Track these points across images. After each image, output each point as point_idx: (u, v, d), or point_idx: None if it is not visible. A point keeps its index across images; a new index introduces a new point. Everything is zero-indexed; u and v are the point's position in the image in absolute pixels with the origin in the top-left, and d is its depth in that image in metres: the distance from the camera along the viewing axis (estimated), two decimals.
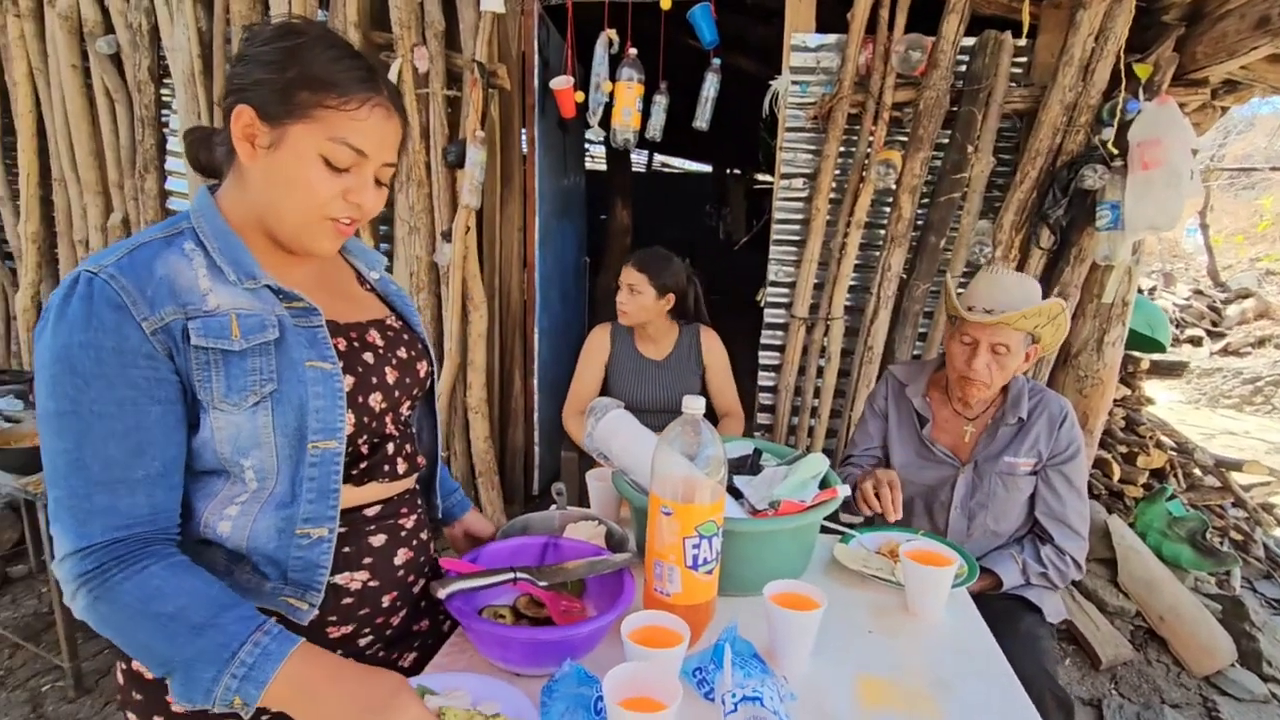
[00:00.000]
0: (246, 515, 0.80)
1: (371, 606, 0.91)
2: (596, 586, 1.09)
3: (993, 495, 1.62)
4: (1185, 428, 5.39)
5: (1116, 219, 2.07)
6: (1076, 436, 1.60)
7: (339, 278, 0.98)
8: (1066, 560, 1.58)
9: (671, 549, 1.00)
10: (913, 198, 2.39)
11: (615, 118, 2.68)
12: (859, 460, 1.77)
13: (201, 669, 0.69)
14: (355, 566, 0.89)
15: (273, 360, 0.78)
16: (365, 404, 0.87)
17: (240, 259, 0.80)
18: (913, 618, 1.15)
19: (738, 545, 1.15)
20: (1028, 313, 1.47)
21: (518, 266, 3.06)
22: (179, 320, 0.74)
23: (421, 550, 1.00)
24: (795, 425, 2.72)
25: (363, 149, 0.80)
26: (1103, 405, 2.39)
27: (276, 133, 0.77)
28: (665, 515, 1.00)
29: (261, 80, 0.77)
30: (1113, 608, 2.30)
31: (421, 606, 1.02)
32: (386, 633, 0.96)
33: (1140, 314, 2.65)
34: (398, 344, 0.96)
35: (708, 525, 1.00)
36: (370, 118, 0.80)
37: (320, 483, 0.82)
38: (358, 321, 0.93)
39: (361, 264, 1.03)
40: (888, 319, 2.51)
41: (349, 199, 0.81)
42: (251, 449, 0.78)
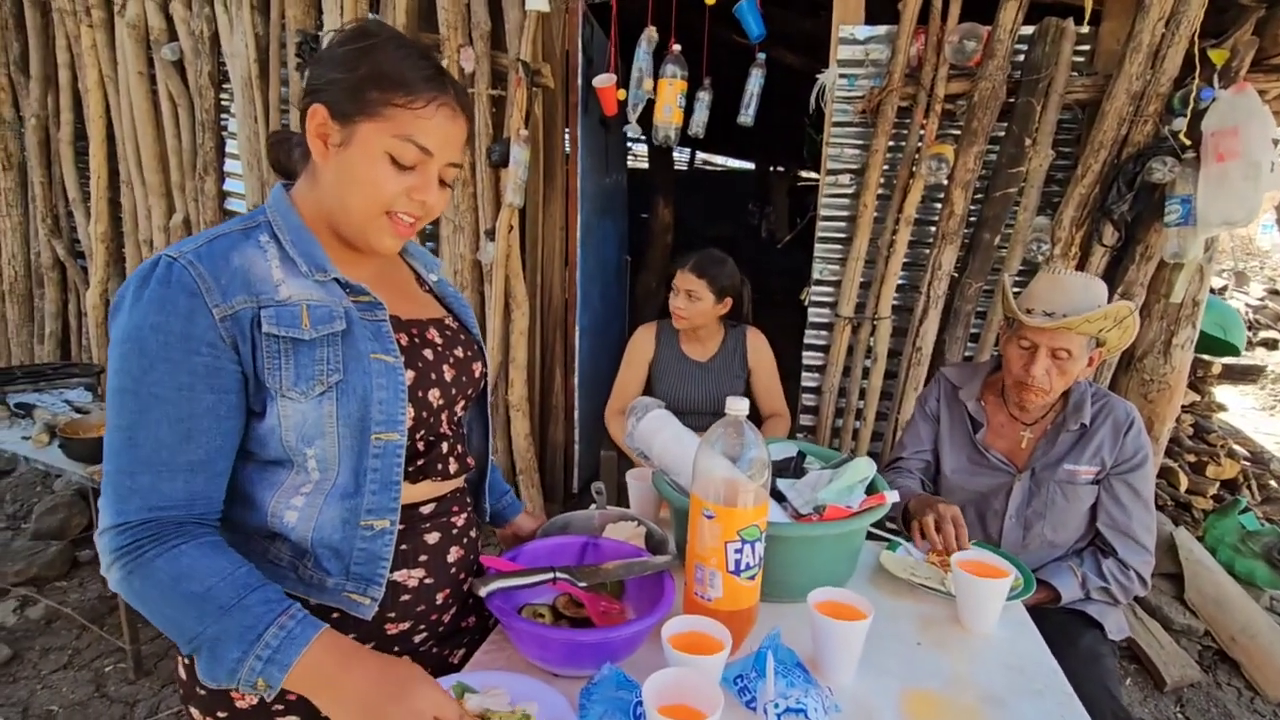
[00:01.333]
0: (312, 506, 0.82)
1: (427, 603, 0.92)
2: (636, 588, 1.08)
3: (1051, 504, 1.55)
4: (1260, 436, 5.08)
5: (1187, 214, 1.95)
6: (1144, 444, 1.52)
7: (400, 278, 1.01)
8: (1130, 575, 1.50)
9: (713, 553, 0.98)
10: (966, 193, 2.31)
11: (657, 114, 2.66)
12: (908, 464, 1.71)
13: (227, 648, 0.70)
14: (412, 564, 0.90)
15: (339, 351, 0.80)
16: (425, 399, 0.88)
17: (312, 252, 0.83)
18: (964, 631, 1.11)
19: (781, 550, 1.12)
20: (1092, 316, 1.39)
21: (559, 265, 3.07)
22: (250, 309, 0.77)
23: (471, 548, 1.01)
24: (839, 427, 2.66)
25: (428, 147, 0.81)
26: (1169, 411, 2.26)
27: (347, 131, 0.80)
28: (707, 518, 0.98)
29: (334, 80, 0.80)
30: (1179, 626, 2.18)
31: (469, 604, 1.03)
32: (439, 630, 0.97)
33: (1212, 315, 2.50)
34: (455, 343, 0.98)
35: (750, 530, 0.97)
36: (436, 116, 0.81)
37: (383, 474, 0.83)
38: (418, 319, 0.94)
39: (421, 266, 1.05)
40: (938, 319, 2.43)
41: (413, 196, 0.83)
42: (316, 438, 0.80)
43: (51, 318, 3.62)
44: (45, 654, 2.23)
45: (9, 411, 2.33)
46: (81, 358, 3.64)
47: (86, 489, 2.28)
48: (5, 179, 3.52)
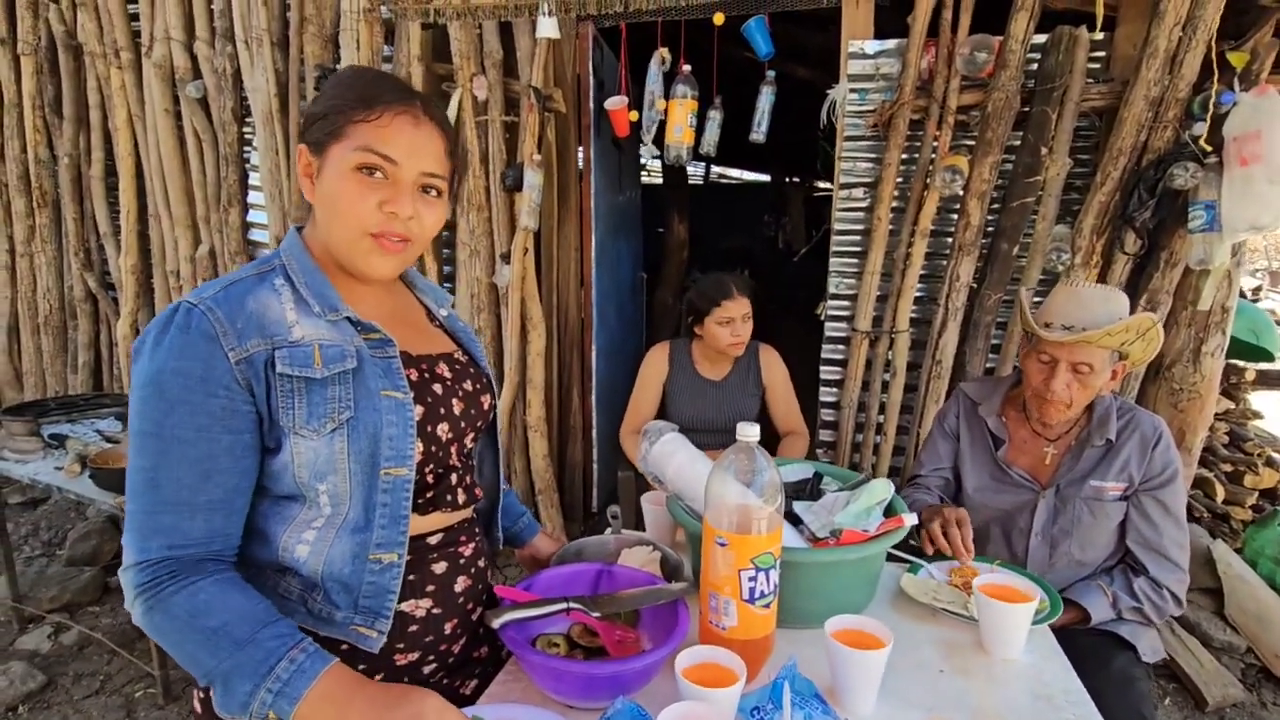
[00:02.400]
0: (324, 540, 0.84)
1: (435, 634, 0.92)
2: (651, 616, 1.07)
3: (1077, 522, 1.51)
4: None
5: (1212, 220, 1.91)
6: (1173, 458, 1.47)
7: (411, 314, 1.02)
8: (1164, 594, 1.45)
9: (727, 581, 0.97)
10: (982, 204, 2.28)
11: (668, 134, 2.68)
12: (926, 481, 1.69)
13: (239, 682, 0.72)
14: (420, 594, 0.91)
15: (350, 389, 0.82)
16: (434, 433, 0.89)
17: (325, 292, 0.85)
18: (988, 657, 1.08)
19: (797, 576, 1.11)
20: (1113, 330, 1.36)
21: (575, 285, 3.09)
22: (263, 351, 0.79)
23: (480, 578, 1.01)
24: (859, 443, 2.63)
25: (389, 154, 0.82)
26: (1201, 421, 2.20)
27: (320, 160, 0.84)
28: (720, 546, 0.97)
29: (310, 116, 0.85)
30: (1219, 643, 2.10)
31: (480, 634, 1.03)
32: (449, 660, 0.97)
33: (1243, 320, 2.43)
34: (464, 377, 0.99)
35: (764, 557, 0.96)
36: (393, 124, 0.83)
37: (392, 509, 0.84)
38: (428, 354, 0.96)
39: (431, 301, 1.07)
40: (957, 331, 2.40)
41: (385, 209, 0.83)
42: (328, 474, 0.81)
43: (84, 349, 3.73)
44: (78, 679, 2.27)
45: (43, 443, 2.39)
46: (113, 388, 3.74)
47: (119, 517, 2.34)
48: (40, 215, 3.64)
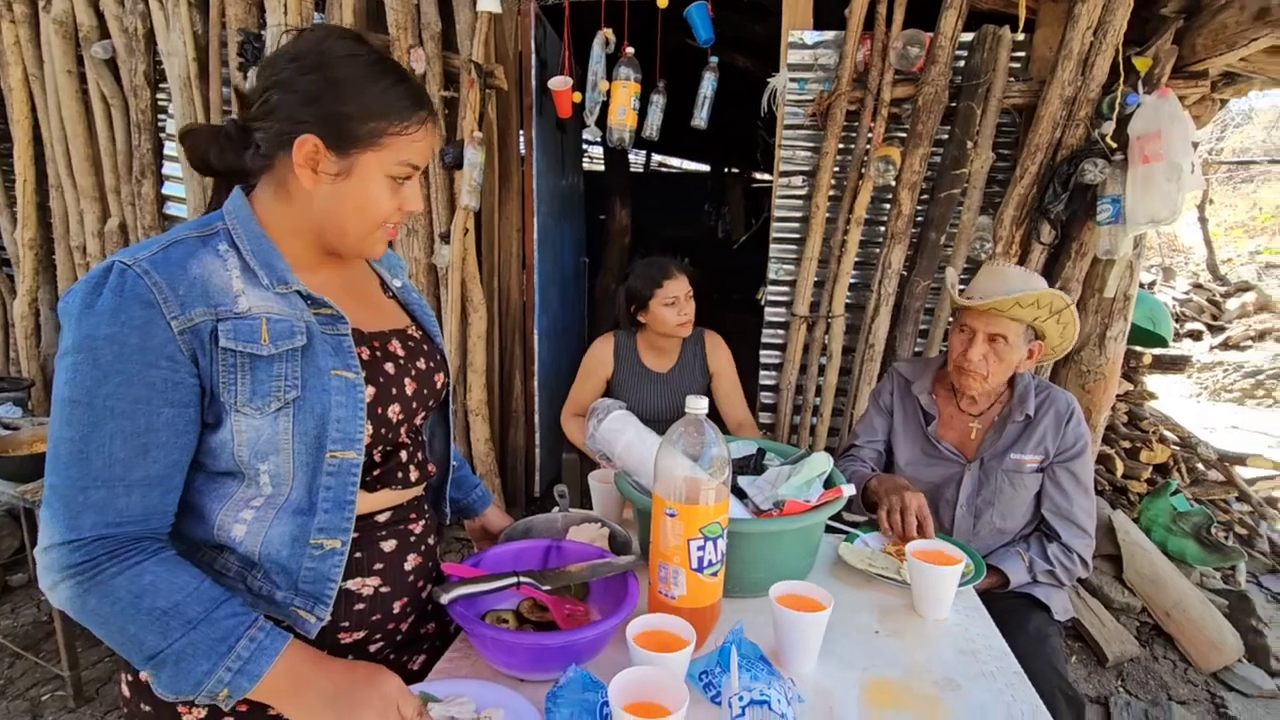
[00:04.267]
0: (262, 520, 0.80)
1: (383, 612, 0.90)
2: (600, 590, 1.08)
3: (999, 493, 1.61)
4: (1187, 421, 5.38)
5: (1117, 213, 2.06)
6: (1084, 433, 1.59)
7: (365, 285, 0.99)
8: (1074, 558, 1.57)
9: (676, 551, 0.99)
10: (913, 194, 2.38)
11: (611, 116, 2.67)
12: (860, 453, 1.76)
13: (195, 661, 0.70)
14: (367, 572, 0.88)
15: (298, 367, 0.78)
16: (384, 415, 0.87)
17: (273, 263, 0.81)
18: (920, 618, 1.14)
19: (742, 546, 1.14)
20: (1022, 299, 1.45)
21: (516, 268, 3.05)
22: (208, 322, 0.75)
23: (429, 555, 0.99)
24: (797, 424, 2.71)
25: (419, 165, 0.85)
26: (1106, 400, 2.38)
27: (345, 162, 0.80)
28: (669, 517, 0.99)
29: (323, 113, 0.79)
30: (1118, 604, 2.29)
31: (428, 610, 1.01)
32: (397, 638, 0.95)
33: (1142, 308, 2.64)
34: (418, 355, 0.96)
35: (712, 527, 0.99)
36: (426, 136, 0.84)
37: (337, 493, 0.82)
38: (381, 331, 0.93)
39: (385, 270, 1.03)
40: (889, 316, 2.50)
41: (405, 209, 0.86)
42: (270, 454, 0.78)
43: None
44: None
45: None
46: (10, 371, 3.45)
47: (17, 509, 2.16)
48: None
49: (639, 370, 2.12)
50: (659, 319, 2.01)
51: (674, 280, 1.99)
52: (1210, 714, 2.01)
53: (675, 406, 2.12)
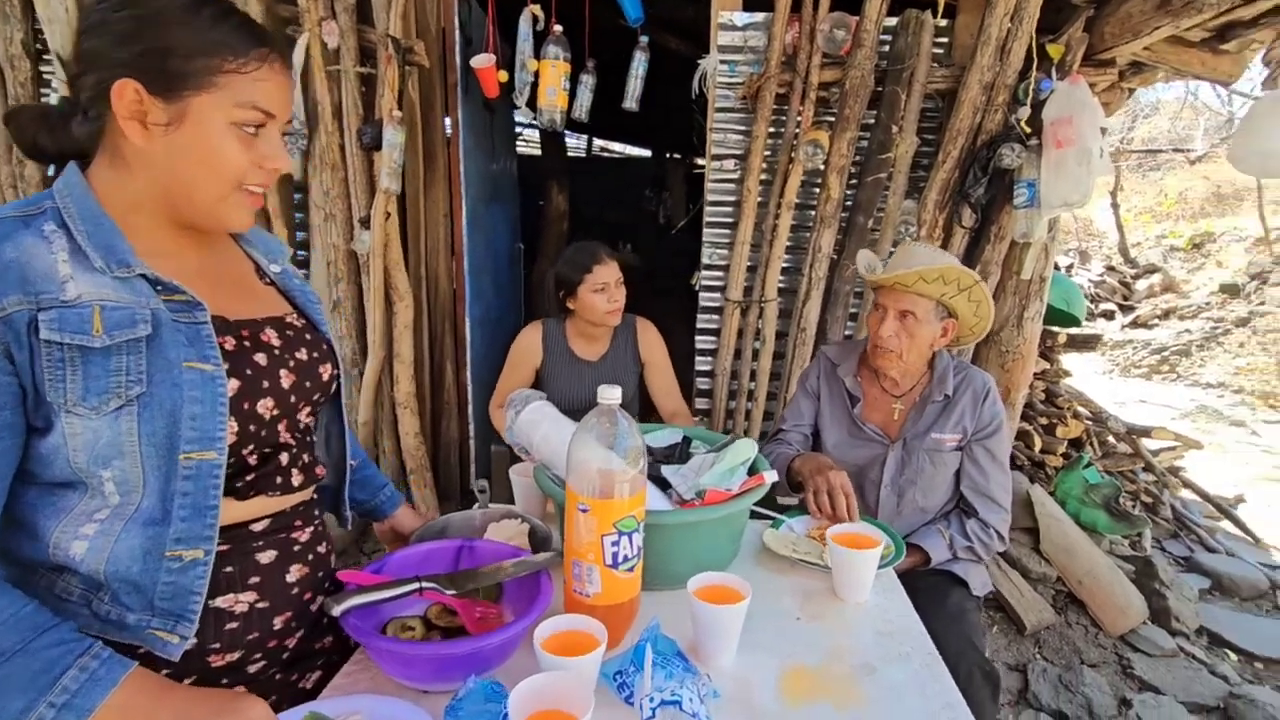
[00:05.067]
0: (107, 535, 0.72)
1: (261, 630, 0.83)
2: (516, 590, 1.03)
3: (920, 472, 1.64)
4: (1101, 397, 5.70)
5: (1032, 197, 2.12)
6: (999, 411, 1.63)
7: (235, 270, 0.90)
8: (991, 533, 1.61)
9: (590, 547, 0.95)
10: (841, 178, 2.40)
11: (540, 97, 2.58)
12: (788, 436, 1.76)
13: (10, 698, 0.62)
14: (240, 587, 0.81)
15: (142, 359, 0.70)
16: (253, 411, 0.79)
17: (113, 244, 0.72)
18: (841, 602, 1.14)
19: (662, 538, 1.11)
20: (925, 273, 1.47)
21: (445, 254, 2.94)
22: (25, 311, 0.66)
23: (319, 565, 0.92)
24: (733, 410, 2.71)
25: (271, 110, 0.76)
26: (1024, 379, 2.47)
27: (175, 108, 0.72)
28: (582, 512, 0.95)
29: (141, 52, 0.70)
30: (1036, 575, 2.39)
31: (324, 623, 0.95)
32: (283, 655, 0.88)
33: (1057, 290, 2.75)
34: (298, 344, 0.88)
35: (627, 521, 0.95)
36: (271, 75, 0.75)
37: (195, 499, 0.74)
38: (251, 319, 0.84)
39: (262, 255, 0.94)
40: (820, 300, 2.52)
41: (265, 166, 0.77)
42: (113, 459, 0.70)
43: None
44: None
45: None
46: None
47: None
48: None
49: (568, 359, 2.07)
50: (588, 306, 1.96)
51: (603, 266, 1.94)
52: (1118, 674, 2.12)
53: None
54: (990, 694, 1.35)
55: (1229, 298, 7.51)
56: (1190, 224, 9.64)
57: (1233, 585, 2.65)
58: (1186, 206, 10.30)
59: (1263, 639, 2.32)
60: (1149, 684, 2.05)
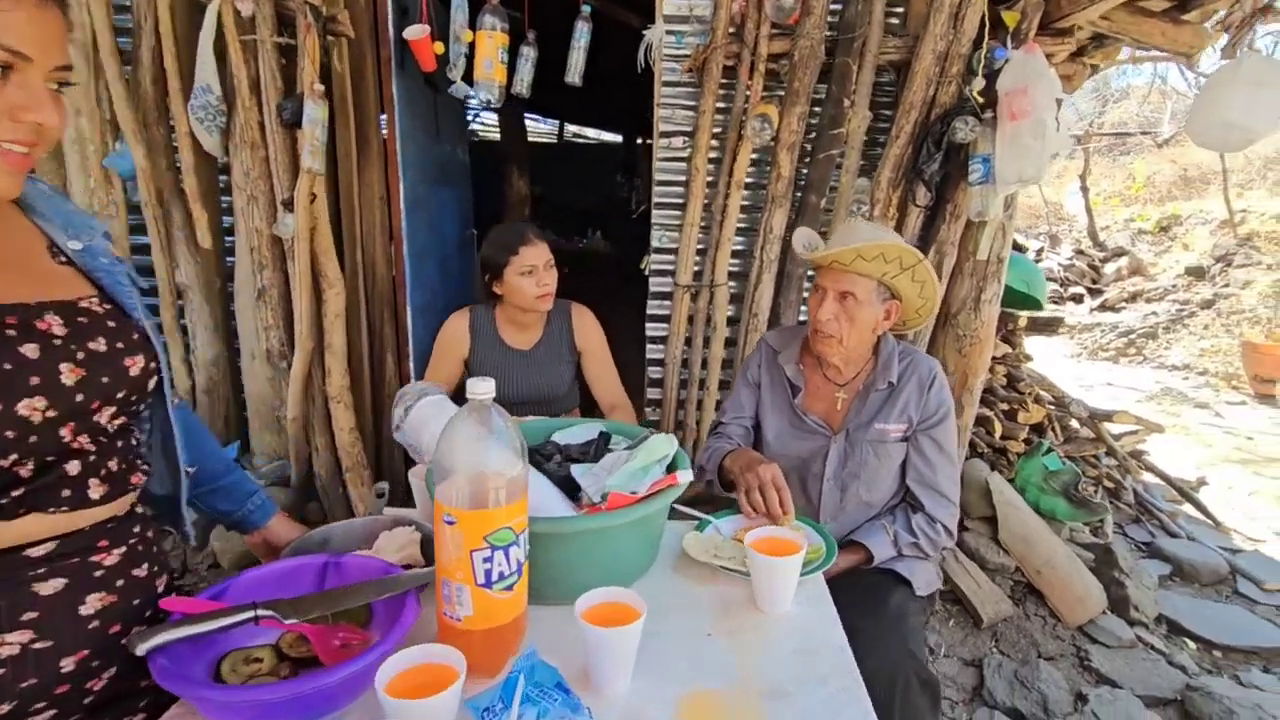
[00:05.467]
0: None
1: (43, 675, 0.70)
2: (386, 613, 0.91)
3: (864, 465, 1.54)
4: (1067, 380, 5.69)
5: (987, 173, 2.02)
6: (945, 399, 1.53)
7: (12, 246, 0.75)
8: (938, 528, 1.52)
9: (458, 565, 0.83)
10: (791, 155, 2.28)
11: (477, 70, 2.43)
12: (728, 429, 1.66)
13: None
14: (9, 626, 0.67)
15: None
16: (11, 413, 0.65)
17: None
18: (761, 614, 1.04)
19: (561, 548, 0.99)
20: (864, 251, 1.37)
21: (383, 239, 2.77)
22: None
23: (135, 592, 0.79)
24: (684, 399, 2.60)
25: (21, 49, 0.63)
26: (982, 364, 2.38)
27: None
28: (448, 524, 0.83)
29: None
30: (993, 565, 2.32)
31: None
32: (84, 700, 0.75)
33: (1017, 271, 2.66)
34: (93, 333, 0.74)
35: (501, 534, 0.83)
36: (18, 8, 0.62)
37: None
38: (23, 303, 0.71)
39: (59, 230, 0.80)
40: (772, 284, 2.41)
41: (22, 118, 0.65)
42: None
43: None
44: None
45: None
46: None
47: None
48: None
49: (499, 348, 1.94)
50: (516, 290, 1.82)
51: (530, 247, 1.81)
52: (1075, 667, 2.06)
53: (541, 387, 1.95)
54: (929, 704, 1.25)
55: (1194, 280, 7.56)
56: (1158, 207, 9.70)
57: (1193, 571, 2.61)
58: (1154, 190, 10.37)
59: (1221, 626, 2.27)
60: (1106, 677, 1.99)
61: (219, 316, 2.66)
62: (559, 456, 1.20)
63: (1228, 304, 6.79)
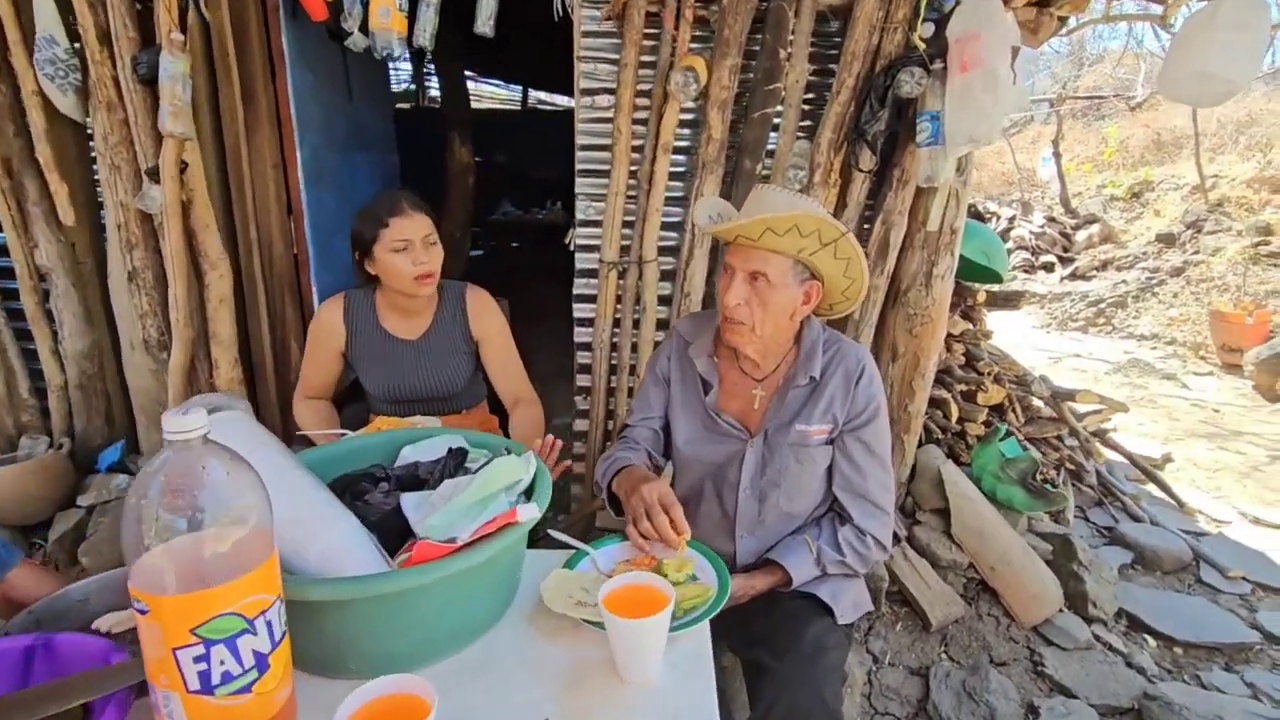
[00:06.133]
0: None
1: None
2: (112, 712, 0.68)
3: (784, 471, 1.33)
4: (1036, 353, 5.57)
5: (936, 132, 1.79)
6: (875, 393, 1.33)
7: None
8: (868, 541, 1.33)
9: (160, 666, 0.61)
10: (723, 114, 2.03)
11: (371, 19, 2.12)
12: (635, 433, 1.44)
13: None
14: None
15: None
16: None
17: None
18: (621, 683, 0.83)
19: (340, 619, 0.78)
20: (774, 223, 1.15)
21: (280, 213, 2.49)
22: None
23: None
24: (614, 387, 2.38)
25: None
26: (934, 345, 2.19)
27: None
28: (141, 615, 0.60)
29: None
30: (946, 562, 2.16)
31: None
32: None
33: (975, 242, 2.46)
34: None
35: (219, 623, 0.61)
36: None
37: None
38: None
39: None
40: (705, 259, 2.18)
41: None
42: None
43: None
44: None
45: None
46: None
47: None
48: None
49: (380, 338, 1.69)
50: (390, 270, 1.57)
51: (404, 219, 1.55)
52: (1028, 673, 1.91)
53: (435, 381, 1.71)
54: None
55: (1165, 247, 7.45)
56: (1130, 173, 9.56)
57: (1155, 559, 2.48)
58: (1127, 155, 10.21)
59: (1182, 621, 2.14)
60: (1060, 684, 1.84)
61: (92, 302, 2.37)
62: (387, 484, 0.98)
63: (1197, 271, 6.69)
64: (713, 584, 0.99)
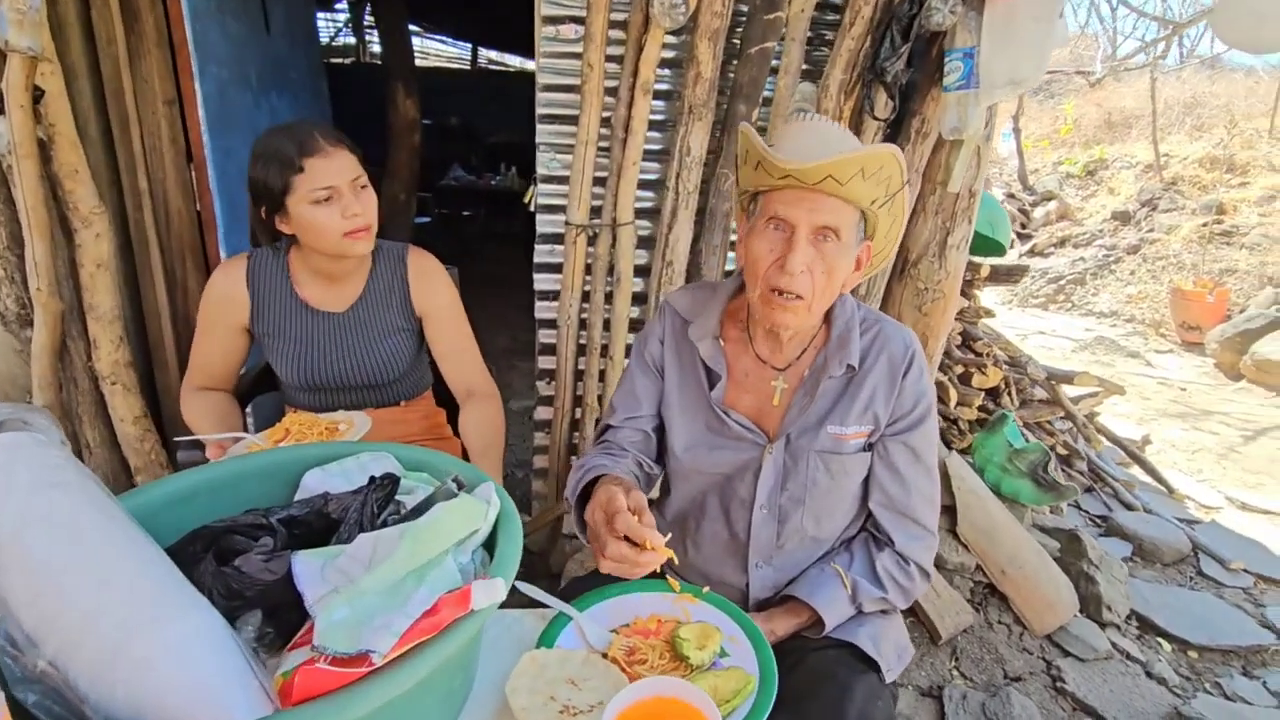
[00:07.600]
0: None
1: None
2: None
3: (812, 485, 1.06)
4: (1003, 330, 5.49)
5: (970, 72, 1.52)
6: (926, 388, 1.06)
7: None
8: (911, 570, 1.07)
9: None
10: (714, 47, 1.71)
11: None
12: (619, 437, 1.14)
13: None
14: None
15: None
16: None
17: None
18: None
19: None
20: (865, 162, 0.86)
21: (176, 159, 2.06)
22: None
23: None
24: (583, 371, 2.07)
25: None
26: (944, 324, 1.96)
27: None
28: None
29: None
30: (952, 564, 1.95)
31: None
32: None
33: (982, 211, 2.22)
34: None
35: None
36: None
37: None
38: None
39: None
40: (690, 222, 1.88)
41: None
42: None
43: None
44: None
45: None
46: None
47: None
48: None
49: (295, 310, 1.33)
50: (312, 228, 1.21)
51: (322, 159, 1.19)
52: (1047, 689, 1.72)
53: (362, 367, 1.37)
54: None
55: (1121, 225, 7.50)
56: (1085, 150, 9.64)
57: (1154, 550, 2.34)
58: (1081, 133, 10.31)
59: (1193, 621, 2.00)
60: (1083, 702, 1.66)
61: None
62: (272, 538, 0.65)
63: (1153, 249, 6.74)
64: (748, 666, 0.71)
